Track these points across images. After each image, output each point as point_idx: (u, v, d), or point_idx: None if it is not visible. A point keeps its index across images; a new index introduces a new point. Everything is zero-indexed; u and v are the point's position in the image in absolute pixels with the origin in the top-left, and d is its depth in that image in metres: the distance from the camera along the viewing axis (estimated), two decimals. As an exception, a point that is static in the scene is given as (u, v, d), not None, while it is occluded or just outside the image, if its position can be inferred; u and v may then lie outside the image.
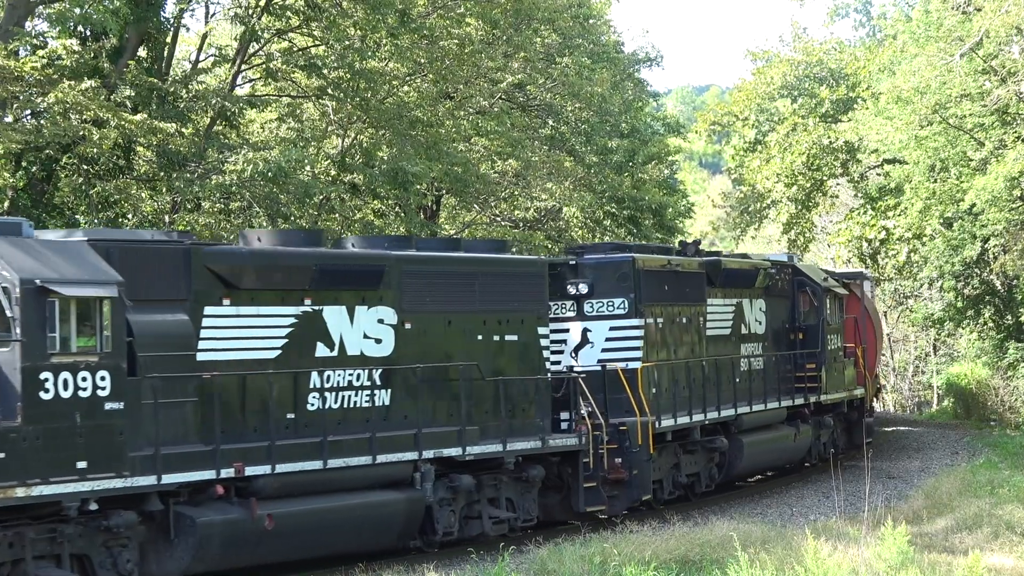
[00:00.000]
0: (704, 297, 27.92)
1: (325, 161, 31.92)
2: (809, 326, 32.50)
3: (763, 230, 53.70)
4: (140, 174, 29.17)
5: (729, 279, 28.99)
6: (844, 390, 33.93)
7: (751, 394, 29.17)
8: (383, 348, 20.72)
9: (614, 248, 26.61)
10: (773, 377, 30.62)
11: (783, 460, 32.01)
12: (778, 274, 31.88)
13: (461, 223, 41.31)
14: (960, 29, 31.55)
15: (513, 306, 23.00)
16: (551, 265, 25.49)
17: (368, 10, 30.42)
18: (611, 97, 39.89)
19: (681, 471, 26.73)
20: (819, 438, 33.12)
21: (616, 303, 25.43)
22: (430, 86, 33.89)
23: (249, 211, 29.57)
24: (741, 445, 28.32)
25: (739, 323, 29.66)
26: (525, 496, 22.79)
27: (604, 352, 25.34)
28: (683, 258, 27.68)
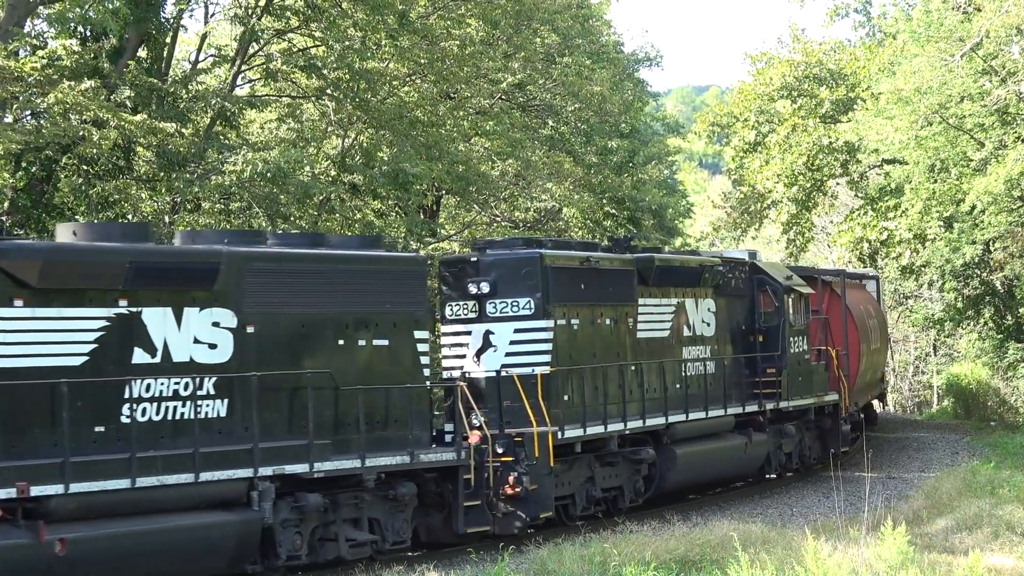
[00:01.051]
0: (634, 296, 25.96)
1: (325, 162, 31.93)
2: (770, 328, 30.31)
3: (763, 230, 53.73)
4: (140, 174, 29.18)
5: (666, 277, 26.93)
6: (812, 396, 31.75)
7: (692, 401, 26.99)
8: (219, 354, 18.60)
9: (525, 243, 24.41)
10: (724, 383, 28.55)
11: (731, 472, 29.44)
12: (731, 272, 29.68)
13: (461, 223, 41.33)
14: (960, 29, 31.55)
15: (384, 308, 20.84)
16: (451, 262, 24.14)
17: (368, 11, 30.44)
18: (611, 97, 39.88)
19: (596, 485, 24.50)
20: (780, 447, 30.80)
21: (521, 303, 23.44)
22: (430, 86, 33.90)
23: (249, 211, 29.58)
24: (674, 456, 26.05)
25: (681, 324, 27.61)
26: (395, 516, 20.55)
27: (508, 356, 23.35)
28: (606, 255, 25.63)
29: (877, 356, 39.82)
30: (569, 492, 23.77)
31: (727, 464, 28.64)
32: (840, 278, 35.71)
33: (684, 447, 26.39)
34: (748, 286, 30.35)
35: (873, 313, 39.81)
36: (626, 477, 25.24)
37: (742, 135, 46.24)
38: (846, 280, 36.00)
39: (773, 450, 30.29)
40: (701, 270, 28.12)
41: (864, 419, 39.58)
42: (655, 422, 25.69)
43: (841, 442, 33.20)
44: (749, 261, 30.76)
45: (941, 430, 45.04)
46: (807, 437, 32.25)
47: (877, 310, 41.49)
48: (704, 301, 28.35)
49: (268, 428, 18.93)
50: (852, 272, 42.18)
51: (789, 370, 30.33)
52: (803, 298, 31.58)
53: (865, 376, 37.55)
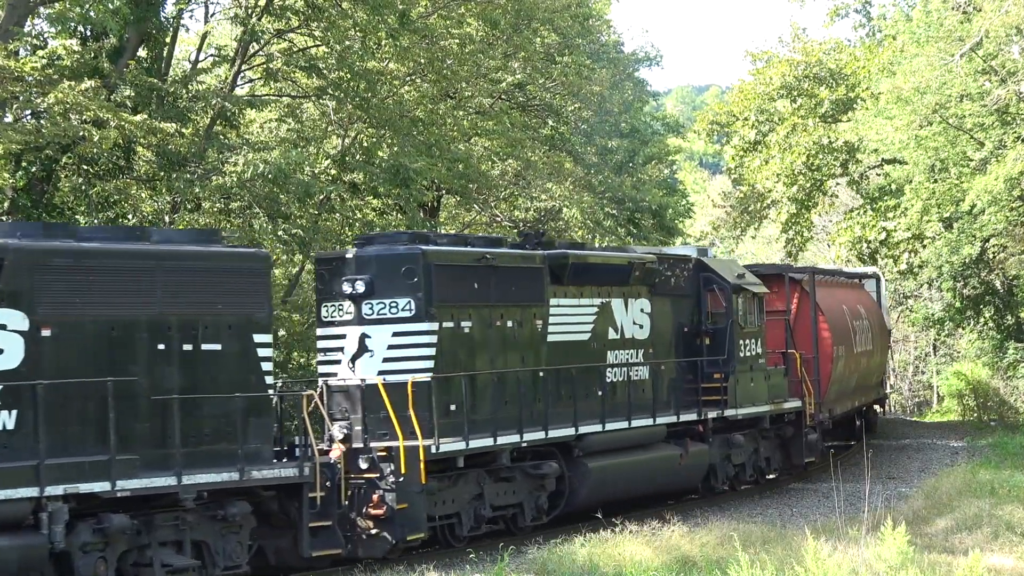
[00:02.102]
0: (543, 296, 23.76)
1: (325, 161, 31.94)
2: (717, 330, 27.92)
3: (763, 230, 53.76)
4: (140, 174, 29.19)
5: (585, 275, 24.75)
6: (767, 403, 29.22)
7: (614, 410, 24.86)
8: (5, 360, 16.63)
9: (410, 238, 22.16)
10: (659, 389, 26.46)
11: (664, 486, 26.71)
12: (671, 270, 27.32)
13: (461, 223, 41.35)
14: (960, 29, 31.56)
15: (215, 309, 18.56)
16: (326, 259, 22.19)
17: (368, 11, 30.45)
18: (611, 97, 39.90)
19: (486, 503, 22.12)
20: (728, 458, 28.46)
21: (400, 304, 21.26)
22: (430, 86, 33.92)
23: (250, 211, 29.59)
24: (586, 470, 23.81)
25: (605, 326, 25.36)
26: (227, 539, 18.40)
27: (387, 362, 21.27)
28: (509, 251, 23.52)
29: (867, 359, 37.71)
30: (453, 511, 21.53)
31: (658, 477, 26.07)
32: (809, 276, 33.28)
33: (599, 460, 24.19)
34: (693, 285, 28.00)
35: (864, 314, 38.08)
36: (526, 493, 23.00)
37: (742, 134, 46.27)
38: (816, 278, 33.63)
39: (720, 461, 28.00)
40: (630, 268, 25.90)
41: (861, 425, 38.82)
42: (562, 433, 23.45)
43: (807, 452, 31.07)
44: (695, 258, 28.38)
45: (941, 430, 45.04)
46: (764, 447, 29.89)
47: (872, 311, 39.81)
48: (636, 301, 26.17)
49: (64, 443, 16.90)
50: (846, 271, 41.47)
51: (738, 375, 27.99)
52: (756, 298, 29.07)
53: (848, 381, 35.50)
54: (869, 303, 40.27)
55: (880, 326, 40.35)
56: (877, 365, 40.11)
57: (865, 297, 40.47)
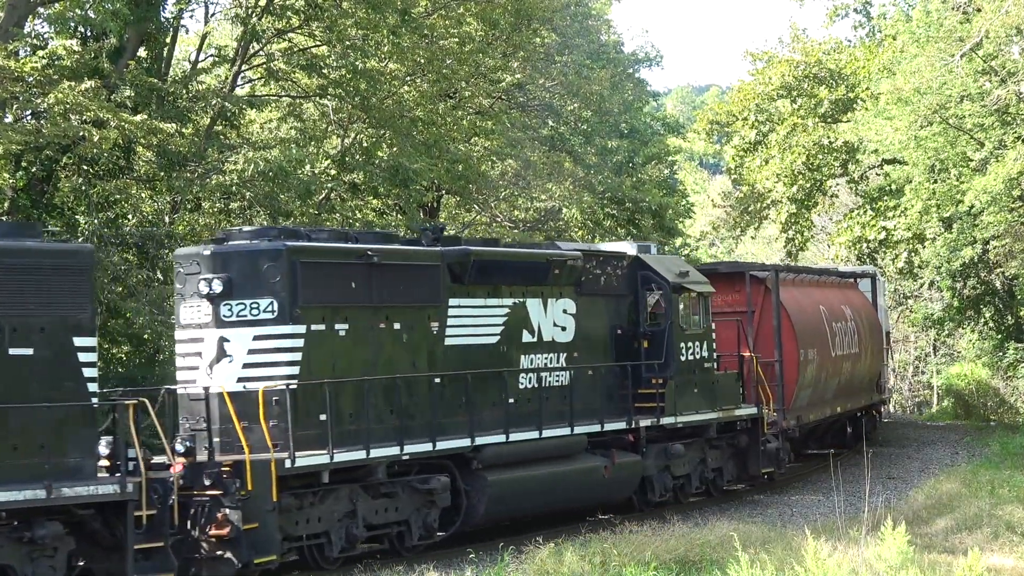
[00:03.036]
0: (440, 296, 21.99)
1: (325, 161, 31.96)
2: (656, 332, 26.09)
3: (763, 230, 53.77)
4: (140, 174, 29.21)
5: (491, 274, 22.91)
6: (715, 409, 27.31)
7: (522, 419, 23.06)
8: None
9: (279, 234, 20.39)
10: (585, 396, 24.50)
11: (584, 499, 24.72)
12: (600, 268, 25.50)
13: (461, 223, 41.36)
14: (960, 29, 31.55)
15: (26, 310, 16.71)
16: (183, 256, 20.32)
17: (369, 10, 30.47)
18: (610, 96, 39.92)
19: (359, 522, 20.27)
20: (666, 469, 26.47)
21: (262, 305, 19.53)
22: (430, 86, 33.94)
23: (250, 210, 29.61)
24: (485, 485, 21.91)
25: (518, 329, 23.55)
26: (37, 562, 16.64)
27: (247, 368, 19.51)
28: (398, 247, 21.79)
29: (851, 362, 35.75)
30: (320, 530, 19.74)
31: (577, 490, 24.14)
32: (772, 274, 31.21)
33: (502, 473, 22.29)
34: (629, 284, 26.19)
35: (850, 315, 36.29)
36: (413, 510, 21.13)
37: (742, 134, 46.28)
38: (782, 277, 31.88)
39: (657, 473, 26.10)
40: (548, 265, 24.05)
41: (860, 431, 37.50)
42: (454, 444, 21.57)
43: (765, 462, 28.97)
44: (632, 256, 26.42)
45: (941, 430, 45.05)
46: (713, 457, 27.95)
47: (862, 311, 37.99)
48: (558, 302, 24.34)
49: None
50: (837, 270, 40.30)
51: (678, 380, 26.15)
52: (701, 298, 27.19)
53: (824, 385, 33.60)
54: (860, 303, 38.75)
55: (873, 327, 38.70)
56: (868, 368, 38.09)
57: (856, 297, 38.97)
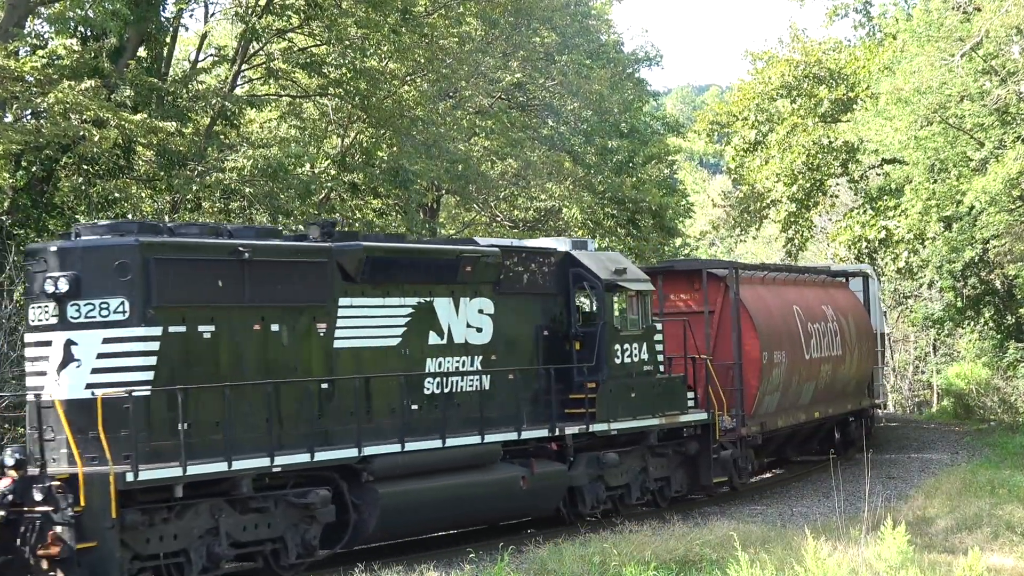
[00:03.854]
0: (328, 296, 20.32)
1: (325, 161, 31.98)
2: (587, 333, 24.46)
3: (763, 230, 53.78)
4: (140, 174, 29.22)
5: (390, 271, 21.28)
6: (656, 415, 25.54)
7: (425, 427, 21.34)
8: None
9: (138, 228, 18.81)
10: (504, 401, 22.85)
11: (496, 512, 23.11)
12: (524, 265, 23.77)
13: (461, 223, 41.37)
14: (960, 29, 31.54)
15: None
16: (31, 252, 18.76)
17: (369, 9, 30.48)
18: (611, 97, 39.93)
19: (222, 539, 18.58)
20: (600, 479, 24.59)
21: (112, 305, 18.02)
22: (429, 86, 33.96)
23: (250, 209, 29.61)
24: (375, 498, 20.18)
25: (424, 330, 21.80)
26: None
27: (96, 374, 17.99)
28: (274, 243, 19.97)
29: (832, 365, 33.83)
30: (178, 548, 18.16)
31: (489, 502, 22.41)
32: (731, 272, 29.15)
33: (396, 485, 20.54)
34: (559, 282, 24.49)
35: (832, 315, 34.28)
36: (289, 526, 19.42)
37: (742, 134, 46.30)
38: (743, 275, 30.04)
39: (588, 483, 24.28)
40: (458, 262, 22.36)
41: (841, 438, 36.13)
42: (337, 455, 19.85)
43: (717, 471, 27.26)
44: (562, 252, 24.70)
45: (941, 430, 45.04)
46: (657, 466, 26.14)
47: (850, 311, 35.94)
48: (472, 301, 22.69)
49: None
50: (828, 269, 38.52)
51: (612, 385, 24.48)
52: (640, 297, 25.53)
53: (796, 390, 31.68)
54: (848, 303, 36.67)
55: (863, 328, 36.62)
56: (855, 371, 35.96)
57: (843, 297, 36.94)
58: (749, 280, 30.66)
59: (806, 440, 35.44)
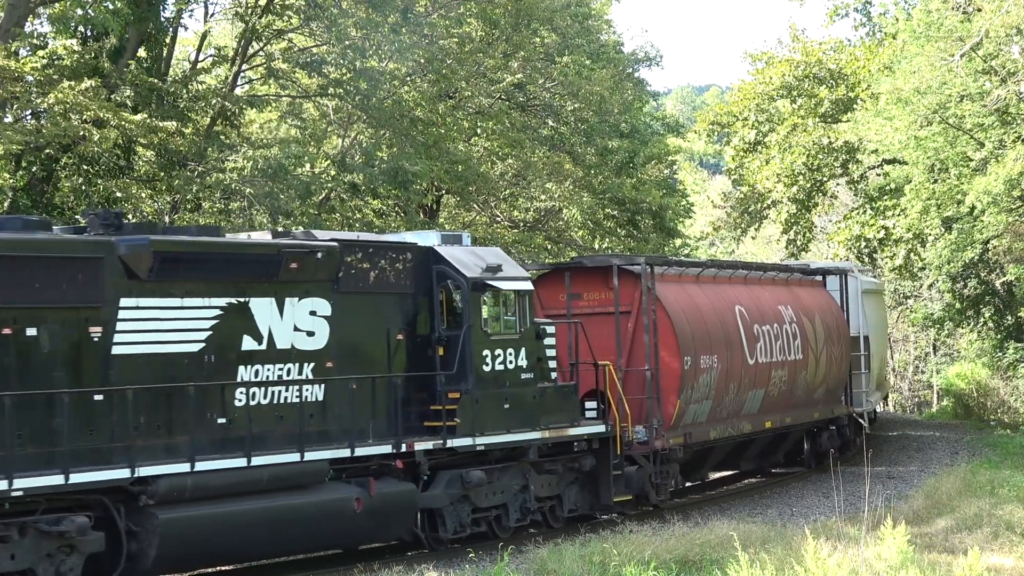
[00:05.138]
0: (105, 296, 17.92)
1: (325, 162, 32.00)
2: (451, 337, 21.80)
3: (763, 230, 53.80)
4: (140, 174, 29.24)
5: (189, 269, 18.82)
6: (536, 428, 22.71)
7: (228, 443, 18.83)
8: None
9: None
10: (343, 414, 20.14)
11: (321, 539, 20.21)
12: (371, 260, 21.02)
13: (461, 223, 41.38)
14: (960, 29, 31.55)
15: None
16: None
17: (369, 9, 30.50)
18: (611, 97, 39.94)
19: None
20: (465, 500, 21.81)
21: None
22: (429, 86, 33.97)
23: (250, 210, 29.63)
24: (154, 525, 17.76)
25: (236, 334, 19.19)
26: None
27: None
28: (29, 237, 17.55)
29: (790, 371, 30.81)
30: None
31: (311, 528, 19.66)
32: (644, 267, 26.09)
33: (183, 510, 18.12)
34: (420, 281, 21.81)
35: (790, 317, 31.19)
36: (39, 558, 17.04)
37: (742, 135, 46.33)
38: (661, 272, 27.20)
39: (449, 504, 21.56)
40: (280, 258, 19.70)
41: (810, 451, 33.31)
42: (102, 476, 17.41)
43: (621, 488, 24.57)
44: (424, 247, 22.08)
45: (941, 430, 45.06)
46: (542, 484, 23.41)
47: (817, 313, 32.80)
48: (301, 302, 20.05)
49: None
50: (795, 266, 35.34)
51: (480, 394, 21.75)
52: (518, 297, 22.72)
53: (738, 399, 28.69)
54: (817, 303, 33.49)
55: (835, 330, 33.56)
56: (823, 377, 32.85)
57: (812, 296, 33.59)
58: (677, 278, 27.91)
59: (767, 451, 32.28)
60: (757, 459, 32.27)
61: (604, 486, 24.40)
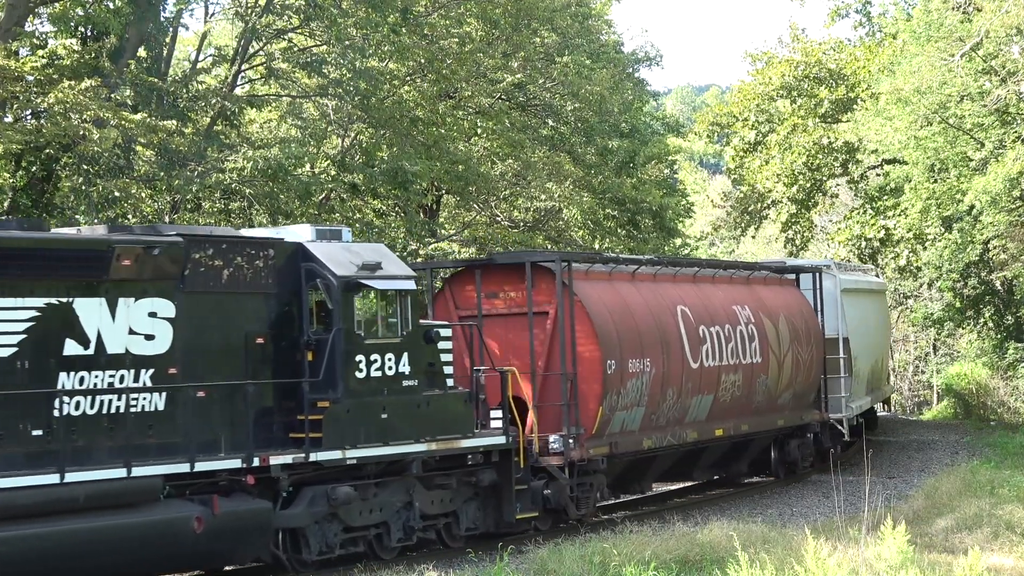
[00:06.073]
0: None
1: (325, 162, 32.00)
2: (320, 341, 19.98)
3: (763, 230, 53.81)
4: (140, 174, 29.25)
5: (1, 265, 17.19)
6: (421, 440, 20.83)
7: (58, 456, 16.99)
8: None
9: None
10: (189, 425, 18.31)
11: (152, 565, 18.22)
12: (223, 257, 19.12)
13: (461, 223, 41.37)
14: (960, 29, 31.57)
15: None
16: None
17: (369, 9, 30.51)
18: (611, 97, 39.93)
19: None
20: (333, 519, 19.97)
21: None
22: (429, 86, 33.96)
23: (250, 210, 29.63)
24: None
25: (56, 338, 17.49)
26: None
27: None
28: None
29: (745, 375, 28.88)
30: None
31: (142, 551, 17.76)
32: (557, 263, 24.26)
33: None
34: (286, 280, 20.01)
35: (750, 318, 29.30)
36: None
37: (742, 135, 46.34)
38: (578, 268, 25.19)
39: (313, 524, 19.73)
40: (108, 254, 17.99)
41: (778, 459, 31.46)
42: None
43: (526, 505, 22.70)
44: (291, 243, 20.28)
45: (941, 430, 45.07)
46: (431, 501, 21.49)
47: (782, 313, 30.74)
48: (138, 302, 18.30)
49: None
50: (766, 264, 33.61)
51: (352, 403, 19.94)
52: (401, 297, 20.86)
53: (678, 404, 26.68)
54: (783, 303, 31.38)
55: (804, 332, 31.50)
56: (789, 382, 30.82)
57: (777, 296, 31.46)
58: (607, 276, 26.00)
59: (727, 461, 30.39)
60: (714, 469, 30.40)
61: (506, 502, 22.40)
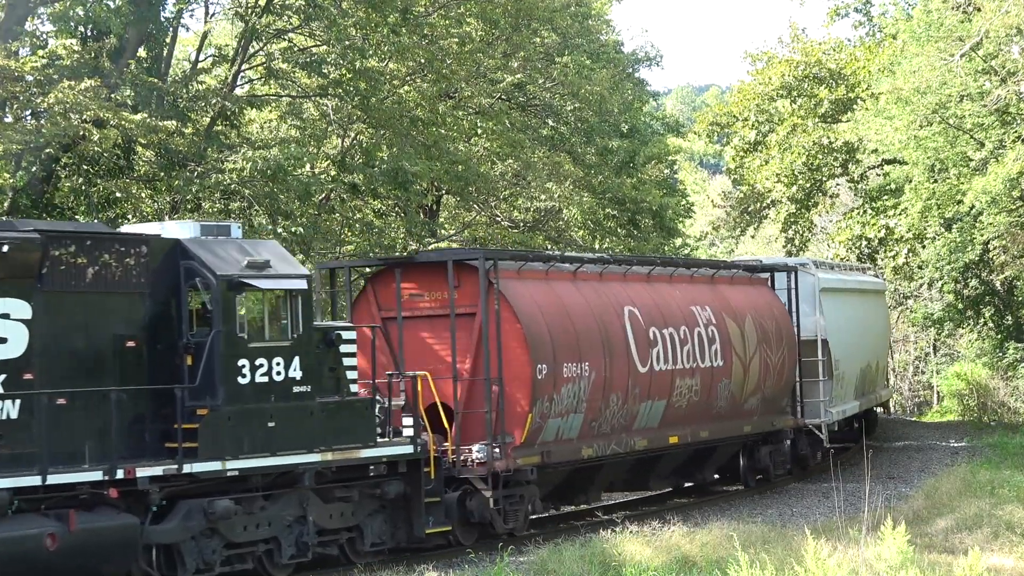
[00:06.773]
0: None
1: (325, 162, 32.00)
2: (200, 344, 18.62)
3: (763, 230, 53.80)
4: (140, 174, 29.25)
5: None
6: (316, 449, 19.49)
7: None
8: None
9: None
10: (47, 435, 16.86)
11: None
12: (87, 255, 17.78)
13: (461, 223, 41.39)
14: (960, 29, 31.57)
15: None
16: None
17: (369, 9, 30.51)
18: (611, 97, 39.96)
19: None
20: (212, 534, 18.58)
21: None
22: (429, 86, 33.97)
23: (250, 210, 29.63)
24: None
25: None
26: None
27: None
28: None
29: (709, 379, 27.55)
30: None
31: None
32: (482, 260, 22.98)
33: None
34: (162, 279, 18.69)
35: (710, 319, 27.91)
36: None
37: (742, 135, 46.34)
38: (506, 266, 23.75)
39: (189, 539, 18.32)
40: None
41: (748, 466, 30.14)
42: None
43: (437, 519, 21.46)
44: (168, 239, 18.97)
45: (941, 430, 45.07)
46: (329, 514, 20.19)
47: (748, 315, 29.29)
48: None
49: None
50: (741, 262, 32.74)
51: (234, 410, 18.54)
52: (291, 298, 19.46)
53: (623, 410, 25.24)
54: (751, 303, 29.89)
55: (774, 334, 30.00)
56: (757, 386, 29.32)
57: (744, 296, 29.96)
58: (543, 275, 24.54)
59: (688, 469, 29.04)
60: (675, 478, 29.16)
61: (415, 515, 21.16)
